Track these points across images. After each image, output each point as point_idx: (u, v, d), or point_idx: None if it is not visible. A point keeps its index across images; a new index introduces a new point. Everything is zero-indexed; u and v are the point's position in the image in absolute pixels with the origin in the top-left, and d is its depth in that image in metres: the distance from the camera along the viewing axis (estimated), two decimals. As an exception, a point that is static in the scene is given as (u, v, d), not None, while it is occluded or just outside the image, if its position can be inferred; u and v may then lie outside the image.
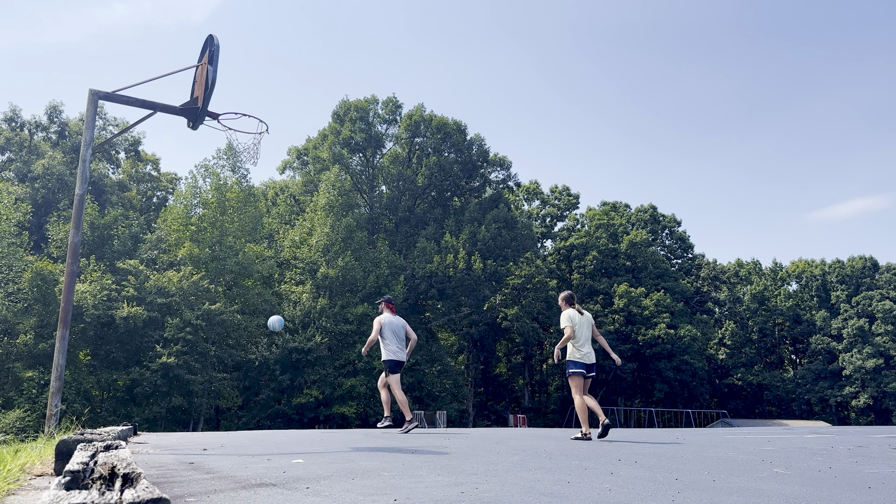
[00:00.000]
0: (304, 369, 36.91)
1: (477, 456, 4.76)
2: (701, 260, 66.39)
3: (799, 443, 8.00)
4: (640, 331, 51.12)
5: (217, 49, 9.32)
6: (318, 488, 2.88)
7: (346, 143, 49.18)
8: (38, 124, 48.06)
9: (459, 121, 51.05)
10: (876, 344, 56.57)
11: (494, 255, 45.95)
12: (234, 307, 35.27)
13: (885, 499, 2.84)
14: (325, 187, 42.84)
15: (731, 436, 10.85)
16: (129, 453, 2.52)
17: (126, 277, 34.24)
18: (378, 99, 51.00)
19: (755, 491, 2.99)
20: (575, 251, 56.64)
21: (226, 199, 38.38)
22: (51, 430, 7.72)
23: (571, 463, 4.28)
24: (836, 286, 62.88)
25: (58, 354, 8.21)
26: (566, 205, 62.25)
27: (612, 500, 2.65)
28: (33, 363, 30.83)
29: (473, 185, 52.50)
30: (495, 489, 2.89)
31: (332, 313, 38.88)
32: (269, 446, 5.80)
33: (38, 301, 31.90)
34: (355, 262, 40.79)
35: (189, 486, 2.89)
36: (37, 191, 43.73)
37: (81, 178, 8.74)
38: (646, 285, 54.79)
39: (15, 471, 3.52)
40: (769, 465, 4.41)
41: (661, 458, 4.93)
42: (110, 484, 1.84)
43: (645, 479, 3.36)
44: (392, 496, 2.66)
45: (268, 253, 40.27)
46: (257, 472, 3.51)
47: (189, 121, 9.81)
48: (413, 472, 3.59)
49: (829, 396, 57.85)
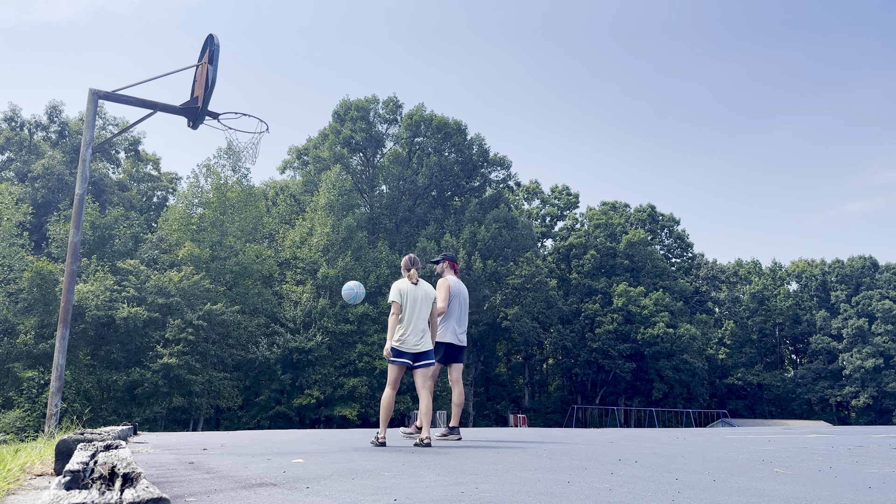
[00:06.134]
0: (304, 369, 36.92)
1: (477, 456, 4.76)
2: (700, 259, 66.41)
3: (799, 443, 8.00)
4: (640, 330, 51.13)
5: (217, 49, 9.33)
6: (318, 488, 2.89)
7: (347, 143, 49.20)
8: (37, 124, 48.06)
9: (459, 120, 51.09)
10: (876, 344, 56.59)
11: (494, 254, 45.96)
12: (234, 307, 35.27)
13: (885, 499, 2.84)
14: (325, 187, 42.86)
15: (731, 436, 10.85)
16: (129, 453, 2.52)
17: (126, 277, 34.24)
18: (378, 98, 51.04)
19: (755, 491, 2.99)
20: (574, 250, 56.67)
21: (226, 198, 38.39)
22: (51, 429, 7.72)
23: (572, 463, 4.28)
24: (836, 286, 62.90)
25: (58, 354, 8.21)
26: (566, 204, 62.28)
27: (613, 499, 2.65)
28: (33, 363, 30.83)
29: (473, 184, 52.51)
30: (495, 489, 2.89)
31: (332, 313, 38.89)
32: (269, 446, 5.80)
33: (38, 301, 31.89)
34: (356, 262, 40.81)
35: (189, 486, 2.89)
36: (37, 191, 43.72)
37: (81, 178, 8.74)
38: (645, 284, 54.79)
39: (15, 470, 3.52)
40: (769, 465, 4.41)
41: (662, 458, 4.93)
42: (110, 484, 1.84)
43: (645, 479, 3.37)
44: (392, 496, 2.66)
45: (268, 253, 40.28)
46: (257, 471, 3.51)
47: (189, 120, 9.82)
48: (413, 471, 3.60)
49: (829, 396, 57.87)
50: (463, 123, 51.08)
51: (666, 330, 50.69)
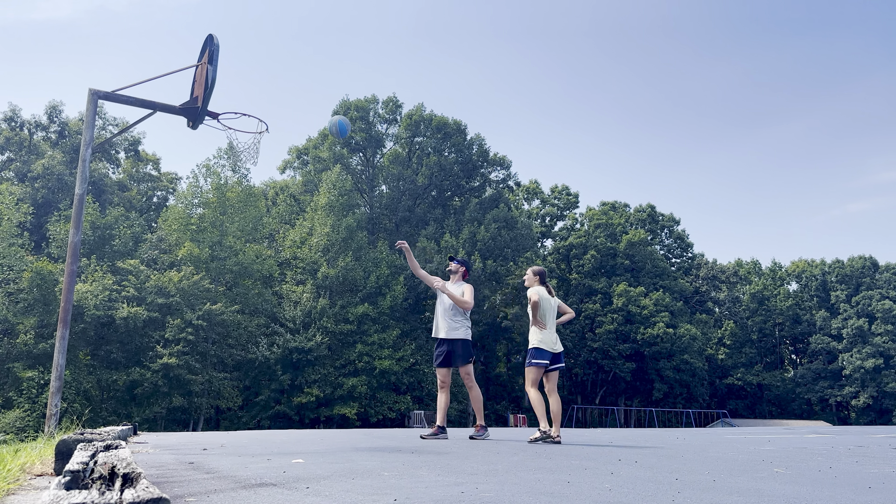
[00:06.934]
0: (304, 369, 36.92)
1: (477, 456, 4.76)
2: (700, 259, 66.41)
3: (799, 443, 8.00)
4: (640, 330, 51.14)
5: (217, 48, 9.33)
6: (318, 488, 2.89)
7: (347, 143, 49.19)
8: (37, 124, 48.06)
9: (459, 120, 51.10)
10: (876, 344, 56.59)
11: (494, 254, 45.96)
12: (234, 307, 35.27)
13: (885, 499, 2.84)
14: (325, 187, 42.86)
15: (731, 436, 10.86)
16: (129, 453, 2.52)
17: (126, 277, 34.24)
18: (378, 98, 51.04)
19: (755, 491, 2.99)
20: (574, 251, 56.67)
21: (226, 198, 38.38)
22: (51, 429, 7.72)
23: (571, 463, 4.28)
24: (836, 286, 62.90)
25: (58, 354, 8.21)
26: (566, 204, 62.29)
27: (613, 499, 2.65)
28: (33, 363, 30.83)
29: (473, 184, 52.51)
30: (495, 489, 2.89)
31: (332, 313, 38.89)
32: (269, 446, 5.80)
33: (38, 301, 31.90)
34: (356, 262, 40.81)
35: (189, 486, 2.89)
36: (37, 191, 43.73)
37: (81, 178, 8.74)
38: (645, 285, 54.80)
39: (15, 470, 3.52)
40: (769, 464, 4.41)
41: (662, 457, 4.93)
42: (110, 484, 1.84)
43: (645, 479, 3.37)
44: (392, 496, 2.66)
45: (268, 253, 40.28)
46: (257, 471, 3.51)
47: (189, 120, 9.82)
48: (413, 472, 3.60)
49: (829, 396, 57.87)
50: (463, 123, 51.10)
51: (666, 330, 50.70)
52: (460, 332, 7.30)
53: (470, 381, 7.29)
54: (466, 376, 7.28)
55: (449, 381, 7.42)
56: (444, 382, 7.36)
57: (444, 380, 7.37)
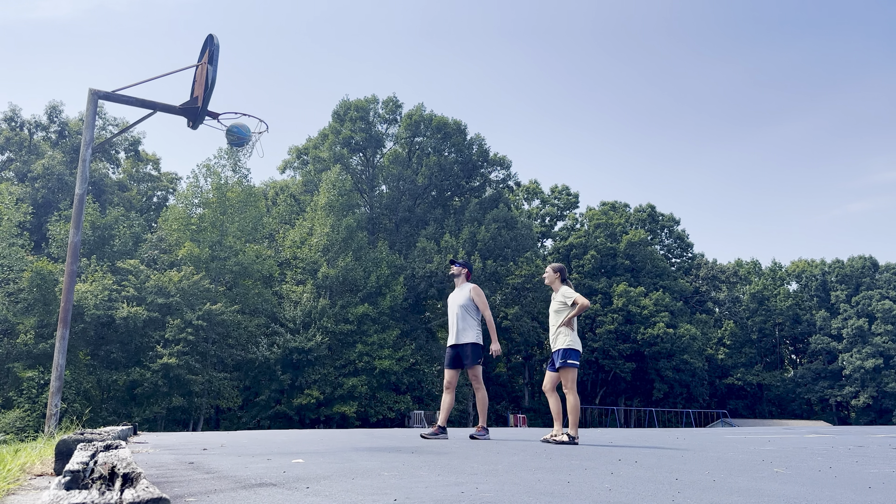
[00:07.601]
0: (304, 369, 36.92)
1: (477, 456, 4.76)
2: (700, 259, 66.41)
3: (799, 443, 8.00)
4: (640, 330, 51.14)
5: (217, 49, 9.33)
6: (318, 488, 2.88)
7: (347, 143, 49.18)
8: (37, 124, 48.06)
9: (459, 120, 51.11)
10: (876, 344, 56.59)
11: (494, 254, 45.95)
12: (234, 307, 35.26)
13: (885, 499, 2.84)
14: (325, 187, 42.86)
15: (731, 436, 10.86)
16: (129, 453, 2.52)
17: (126, 277, 34.24)
18: (378, 98, 51.03)
19: (755, 491, 2.99)
20: (574, 251, 56.68)
21: (226, 198, 38.37)
22: (51, 429, 7.72)
23: (572, 463, 4.28)
24: (836, 286, 62.90)
25: (58, 354, 8.21)
26: (566, 204, 62.29)
27: (613, 499, 2.65)
28: (33, 363, 30.83)
29: (473, 184, 52.50)
30: (495, 489, 2.89)
31: (332, 313, 38.89)
32: (269, 446, 5.80)
33: (38, 301, 31.89)
34: (356, 262, 40.81)
35: (189, 486, 2.89)
36: (37, 191, 43.72)
37: (81, 178, 8.74)
38: (645, 285, 54.80)
39: (15, 470, 3.52)
40: (769, 464, 4.41)
41: (661, 457, 4.93)
42: (110, 484, 1.84)
43: (645, 479, 3.37)
44: (392, 496, 2.66)
45: (268, 253, 40.27)
46: (257, 471, 3.51)
47: (189, 120, 9.82)
48: (413, 472, 3.60)
49: (829, 396, 57.87)
50: (463, 123, 51.10)
51: (666, 330, 50.71)
52: (470, 335, 7.40)
53: (477, 382, 7.36)
54: (474, 378, 7.37)
55: (455, 382, 7.49)
56: (450, 384, 7.41)
57: (451, 381, 7.44)
